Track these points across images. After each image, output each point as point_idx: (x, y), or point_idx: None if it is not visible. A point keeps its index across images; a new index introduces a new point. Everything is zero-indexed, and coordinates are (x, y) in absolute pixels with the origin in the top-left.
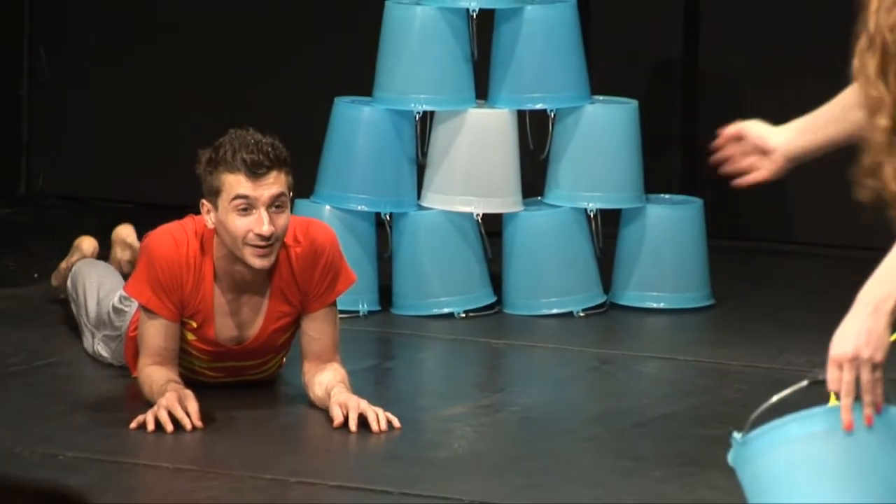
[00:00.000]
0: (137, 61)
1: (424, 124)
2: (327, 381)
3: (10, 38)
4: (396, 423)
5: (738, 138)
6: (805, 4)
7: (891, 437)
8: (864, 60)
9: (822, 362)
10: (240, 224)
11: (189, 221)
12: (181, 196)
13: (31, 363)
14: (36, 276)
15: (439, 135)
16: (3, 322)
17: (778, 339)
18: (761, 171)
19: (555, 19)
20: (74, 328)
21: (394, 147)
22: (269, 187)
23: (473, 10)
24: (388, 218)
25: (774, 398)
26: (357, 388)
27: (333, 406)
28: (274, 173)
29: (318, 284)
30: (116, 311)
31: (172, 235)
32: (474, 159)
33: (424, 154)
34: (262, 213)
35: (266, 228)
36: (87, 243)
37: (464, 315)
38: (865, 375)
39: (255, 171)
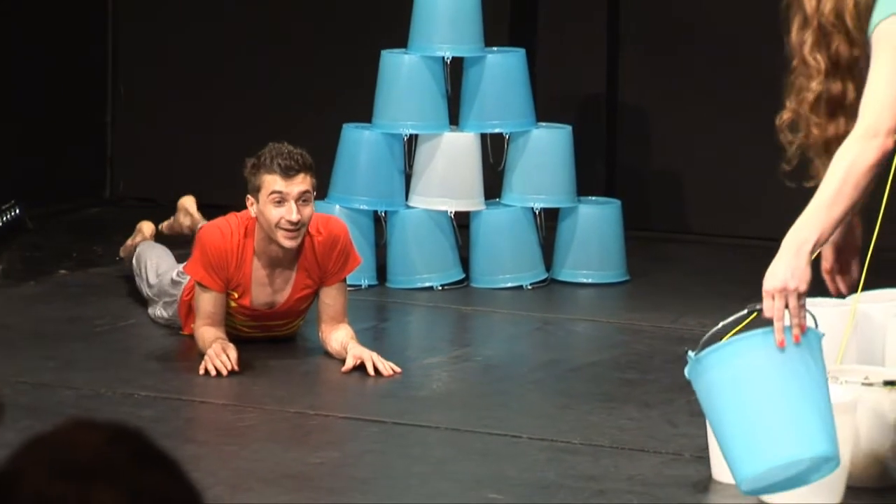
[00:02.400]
0: (194, 93)
1: (411, 144)
2: (341, 338)
3: (97, 78)
4: (398, 369)
5: (836, 256)
6: (704, 50)
7: (810, 351)
8: (802, 37)
9: (711, 324)
10: (275, 213)
11: (234, 217)
12: (226, 197)
13: (113, 324)
14: (117, 259)
15: (422, 152)
16: (92, 293)
17: (677, 307)
18: (854, 268)
19: (509, 64)
20: (142, 298)
21: (387, 161)
22: (298, 185)
23: (447, 58)
24: (383, 214)
25: (720, 324)
26: (361, 343)
27: (350, 356)
28: (302, 175)
29: (334, 265)
30: (174, 283)
31: (220, 229)
32: (448, 170)
33: (411, 166)
34: (292, 205)
35: (295, 216)
36: (147, 227)
37: (440, 288)
38: (793, 303)
39: (287, 173)
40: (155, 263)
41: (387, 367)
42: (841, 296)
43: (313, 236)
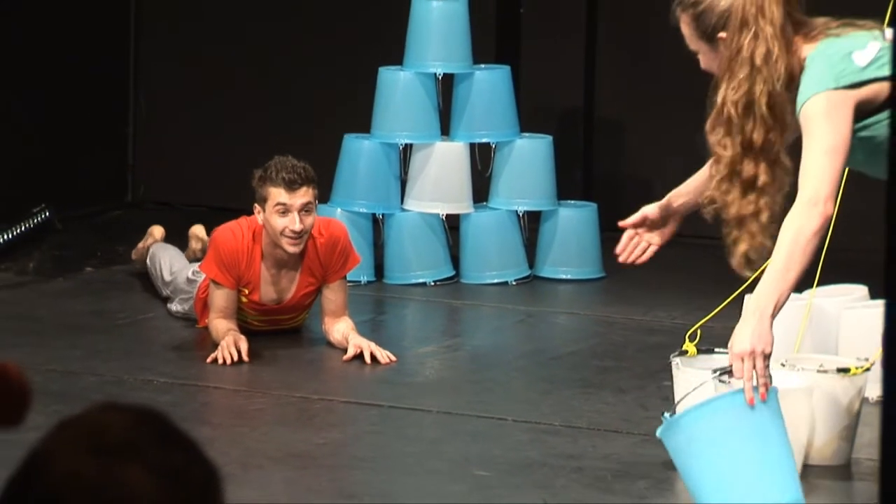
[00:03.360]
0: (209, 106)
1: (406, 152)
2: (343, 329)
3: (119, 91)
4: (393, 357)
5: (639, 224)
6: (672, 69)
7: (772, 408)
8: (714, 125)
9: (678, 315)
10: (279, 223)
11: (244, 220)
12: (237, 202)
13: (134, 317)
14: (133, 259)
15: (416, 160)
16: (115, 289)
17: (648, 301)
18: (653, 244)
19: (495, 80)
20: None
21: (384, 168)
22: (301, 197)
23: (439, 74)
24: (381, 217)
25: (693, 388)
26: (360, 333)
27: (351, 345)
28: (304, 188)
29: (335, 264)
30: (190, 281)
31: (232, 231)
32: (440, 176)
33: (406, 173)
34: (296, 216)
35: (298, 226)
36: (158, 230)
37: (433, 284)
38: (759, 364)
39: (291, 186)
40: (168, 263)
41: (384, 355)
42: (800, 291)
43: (315, 238)
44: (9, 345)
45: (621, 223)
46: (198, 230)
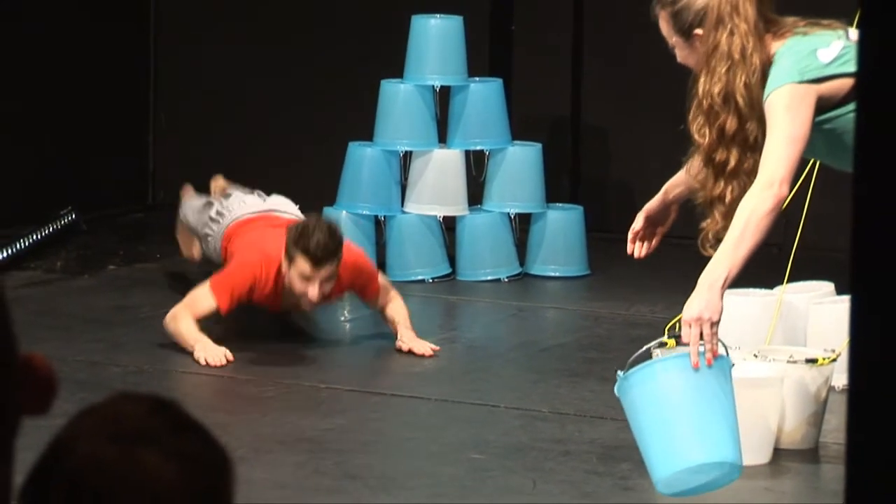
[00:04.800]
0: (224, 116)
1: (406, 159)
2: (395, 312)
3: (140, 104)
4: (436, 348)
5: (646, 225)
6: (656, 80)
7: (721, 374)
8: (696, 115)
9: (659, 310)
10: (300, 287)
11: (271, 257)
12: None
13: (154, 312)
14: (158, 256)
15: (415, 166)
16: (136, 286)
17: (631, 297)
18: (658, 234)
19: (489, 91)
20: (178, 288)
21: (386, 174)
22: (324, 272)
23: (437, 86)
24: (382, 219)
25: (644, 347)
26: (362, 328)
27: (405, 345)
28: (328, 264)
29: (359, 283)
30: (212, 220)
31: (254, 272)
32: (437, 181)
33: (406, 178)
34: (316, 286)
35: (316, 297)
36: (187, 190)
37: (431, 280)
38: (707, 331)
39: (317, 263)
40: (189, 205)
41: (427, 349)
42: (771, 287)
43: None
44: (38, 338)
45: (632, 231)
46: (220, 182)
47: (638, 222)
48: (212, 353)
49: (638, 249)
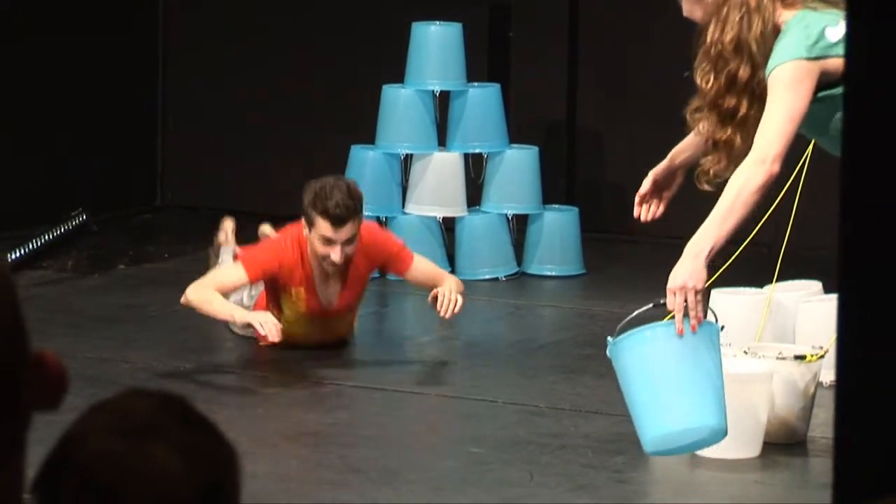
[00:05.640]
0: (230, 121)
1: (407, 162)
2: (447, 284)
3: (149, 108)
4: (457, 310)
5: (653, 189)
6: (648, 85)
7: (708, 340)
8: (701, 62)
9: (653, 308)
10: (322, 250)
11: (291, 233)
12: (255, 205)
13: (162, 311)
14: (166, 256)
15: (416, 168)
16: (145, 285)
17: (625, 295)
18: (665, 199)
19: (487, 96)
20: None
21: (387, 176)
22: (346, 232)
23: (437, 91)
24: (384, 219)
25: (633, 313)
26: (362, 327)
27: (433, 293)
28: (349, 223)
29: (383, 258)
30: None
31: (282, 247)
32: (437, 183)
33: (407, 180)
34: (338, 248)
35: (339, 259)
36: (228, 224)
37: None
38: (691, 299)
39: (337, 222)
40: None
41: (450, 308)
42: (761, 286)
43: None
44: (49, 335)
45: (639, 195)
46: (267, 230)
47: (645, 186)
48: (263, 317)
49: (645, 212)
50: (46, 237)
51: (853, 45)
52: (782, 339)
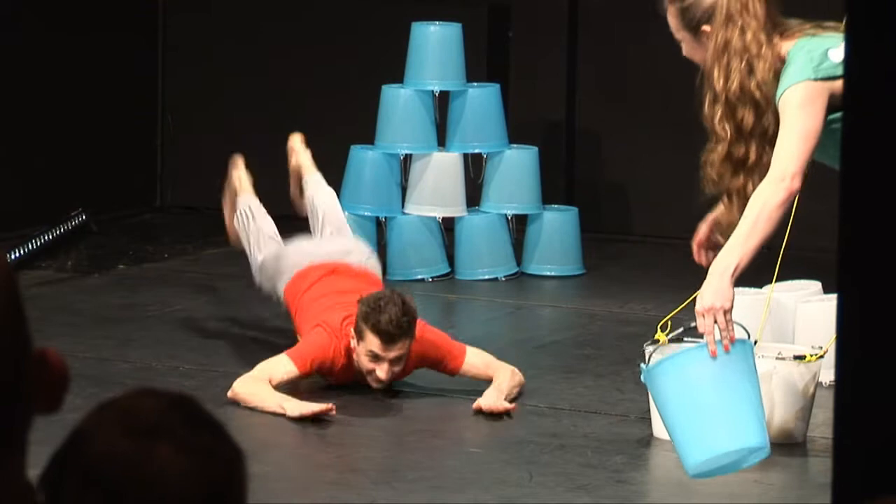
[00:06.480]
0: (229, 122)
1: (406, 162)
2: (498, 377)
3: (149, 110)
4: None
5: (708, 233)
6: (646, 85)
7: (742, 358)
8: (713, 111)
9: (651, 308)
10: (368, 366)
11: (345, 336)
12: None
13: (162, 310)
14: (166, 256)
15: (415, 168)
16: (145, 285)
17: (624, 295)
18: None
19: (487, 96)
20: (184, 287)
21: (387, 176)
22: (395, 352)
23: (436, 91)
24: (384, 220)
25: (662, 340)
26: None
27: (476, 404)
28: (400, 343)
29: (433, 360)
30: (276, 258)
31: (326, 351)
32: (437, 183)
33: (406, 180)
34: (386, 366)
35: (384, 378)
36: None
37: (431, 279)
38: (721, 319)
39: (388, 341)
40: (255, 241)
41: (500, 405)
42: (760, 286)
43: None
44: (50, 334)
45: (696, 242)
46: (296, 143)
47: (700, 233)
48: (308, 408)
49: (705, 258)
50: (46, 237)
51: (852, 54)
52: (782, 339)
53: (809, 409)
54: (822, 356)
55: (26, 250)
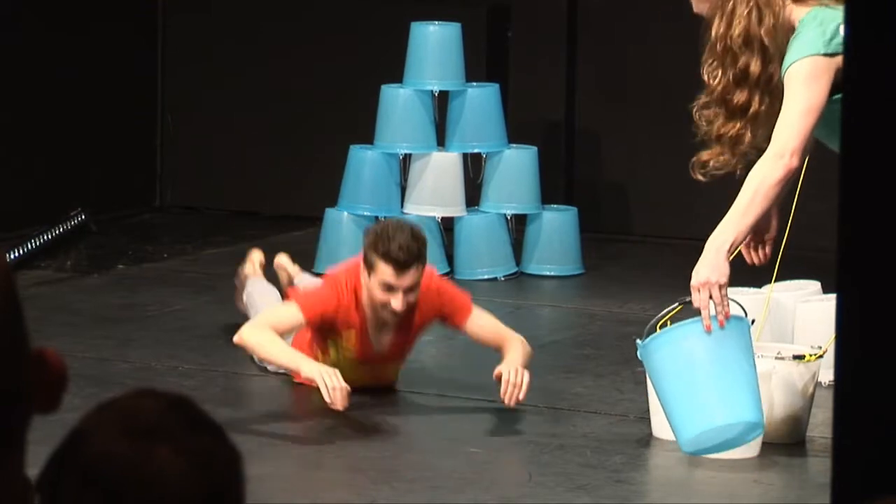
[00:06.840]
0: (229, 123)
1: (405, 162)
2: (508, 357)
3: (149, 110)
4: (521, 398)
5: (755, 236)
6: (645, 86)
7: (738, 334)
8: (708, 58)
9: (651, 308)
10: (381, 297)
11: (347, 275)
12: (254, 206)
13: (161, 310)
14: (165, 256)
15: (414, 168)
16: (144, 285)
17: (623, 295)
18: (768, 242)
19: (486, 96)
20: (185, 285)
21: (386, 176)
22: (408, 279)
23: (435, 91)
24: (383, 219)
25: (660, 314)
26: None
27: (497, 369)
28: (413, 268)
29: (442, 307)
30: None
31: (338, 293)
32: (436, 183)
33: (405, 180)
34: (400, 296)
35: (400, 307)
36: (257, 255)
37: None
38: (716, 294)
39: (400, 268)
40: (262, 307)
41: (513, 396)
42: (760, 286)
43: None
44: (49, 334)
45: (743, 246)
46: (283, 261)
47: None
48: (332, 379)
49: (756, 258)
50: (46, 237)
51: (853, 45)
52: (781, 338)
53: (809, 409)
54: (821, 356)
55: (26, 250)
